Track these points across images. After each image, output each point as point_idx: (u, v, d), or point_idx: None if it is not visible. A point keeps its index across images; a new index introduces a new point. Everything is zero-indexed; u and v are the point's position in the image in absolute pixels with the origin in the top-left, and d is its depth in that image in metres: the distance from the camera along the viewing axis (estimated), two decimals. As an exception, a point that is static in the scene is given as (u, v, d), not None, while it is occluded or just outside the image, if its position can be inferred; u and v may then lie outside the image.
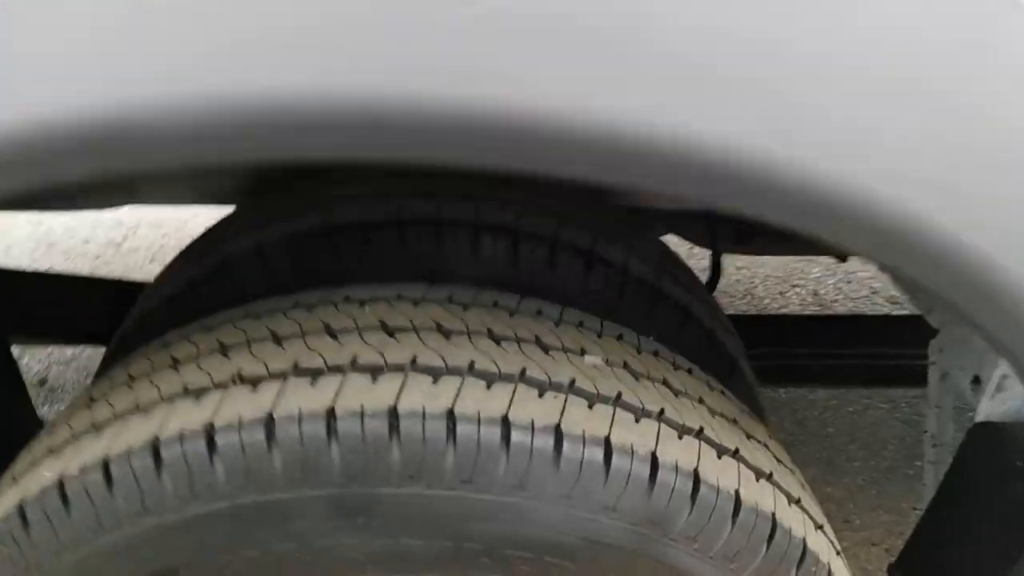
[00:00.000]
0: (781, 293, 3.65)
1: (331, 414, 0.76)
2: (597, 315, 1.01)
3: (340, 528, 0.77)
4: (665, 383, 0.92)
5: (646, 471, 0.79)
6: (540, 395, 0.81)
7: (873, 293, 3.68)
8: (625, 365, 0.91)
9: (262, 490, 0.76)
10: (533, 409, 0.78)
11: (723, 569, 0.84)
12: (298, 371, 0.80)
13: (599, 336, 0.96)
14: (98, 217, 3.77)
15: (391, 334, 0.86)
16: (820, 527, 0.95)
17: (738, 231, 1.90)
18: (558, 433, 0.77)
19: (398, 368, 0.80)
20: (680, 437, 0.84)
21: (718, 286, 1.91)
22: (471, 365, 0.82)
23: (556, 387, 0.82)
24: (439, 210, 1.11)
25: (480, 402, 0.78)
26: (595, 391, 0.83)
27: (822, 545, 0.92)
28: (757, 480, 0.88)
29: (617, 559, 0.80)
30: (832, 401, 2.86)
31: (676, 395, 0.91)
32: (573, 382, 0.83)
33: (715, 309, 1.31)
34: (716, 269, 1.73)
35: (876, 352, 1.78)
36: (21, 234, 3.83)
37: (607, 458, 0.78)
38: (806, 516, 0.92)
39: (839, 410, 2.82)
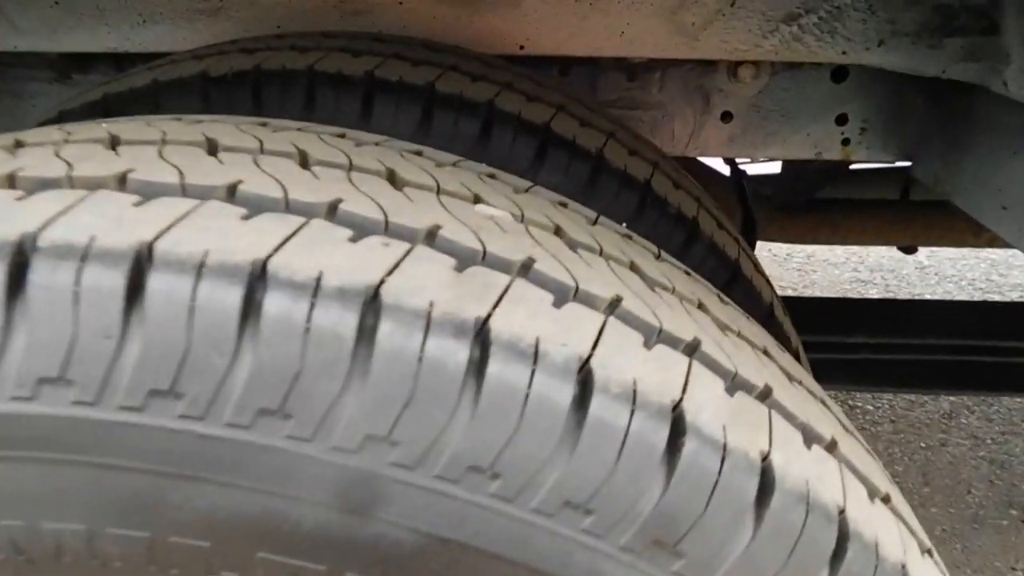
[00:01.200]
0: (833, 317, 3.18)
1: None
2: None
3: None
4: (634, 268, 0.51)
5: (568, 386, 0.37)
6: (353, 240, 0.40)
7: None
8: (558, 231, 0.50)
9: None
10: (328, 257, 0.38)
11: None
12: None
13: (519, 193, 0.55)
14: None
15: (113, 147, 0.46)
16: (928, 552, 0.51)
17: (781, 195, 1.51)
18: (374, 300, 0.36)
19: (91, 184, 0.41)
20: (647, 347, 0.42)
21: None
22: (232, 188, 0.41)
23: (398, 232, 0.41)
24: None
25: (217, 239, 0.37)
26: (479, 247, 0.42)
27: (935, 583, 0.47)
28: (808, 448, 0.45)
29: (455, 564, 0.38)
30: (900, 435, 2.34)
31: (652, 288, 0.49)
32: (435, 230, 0.42)
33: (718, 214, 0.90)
34: (751, 226, 1.31)
35: (967, 345, 1.31)
36: None
37: (480, 357, 0.36)
38: (903, 526, 0.48)
39: (908, 446, 2.31)
